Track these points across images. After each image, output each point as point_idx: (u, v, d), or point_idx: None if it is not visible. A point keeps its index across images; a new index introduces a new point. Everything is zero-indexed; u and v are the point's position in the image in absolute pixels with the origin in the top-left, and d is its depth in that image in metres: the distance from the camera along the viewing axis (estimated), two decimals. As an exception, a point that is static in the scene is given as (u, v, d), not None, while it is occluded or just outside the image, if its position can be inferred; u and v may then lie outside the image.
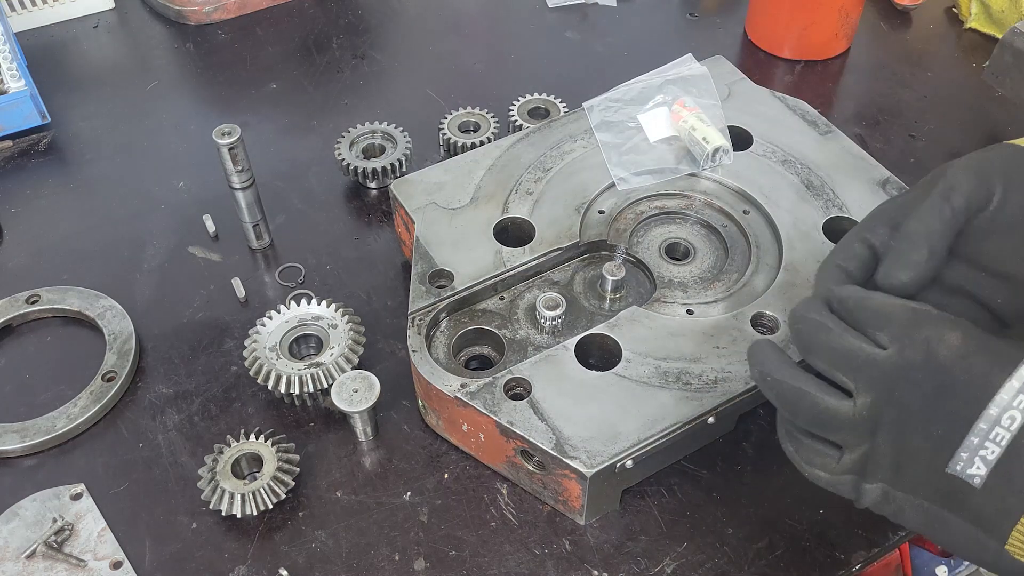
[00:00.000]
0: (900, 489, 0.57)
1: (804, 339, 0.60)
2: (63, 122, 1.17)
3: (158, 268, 1.01)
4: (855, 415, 0.56)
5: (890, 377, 0.55)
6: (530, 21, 1.33)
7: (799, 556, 0.77)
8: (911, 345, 0.55)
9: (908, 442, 0.55)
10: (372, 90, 1.22)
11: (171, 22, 1.32)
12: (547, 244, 0.89)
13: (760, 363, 0.61)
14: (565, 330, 0.85)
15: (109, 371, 0.89)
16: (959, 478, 0.53)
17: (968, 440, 0.52)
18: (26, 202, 1.08)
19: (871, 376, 0.55)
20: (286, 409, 0.88)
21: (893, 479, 0.57)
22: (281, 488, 0.79)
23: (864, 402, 0.56)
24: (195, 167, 1.11)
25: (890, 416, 0.55)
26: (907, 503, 0.57)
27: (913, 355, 0.54)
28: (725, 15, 1.34)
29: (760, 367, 0.61)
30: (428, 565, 0.77)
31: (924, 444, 0.54)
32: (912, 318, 0.56)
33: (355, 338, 0.87)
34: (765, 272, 0.89)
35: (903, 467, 0.56)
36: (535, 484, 0.80)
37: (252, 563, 0.77)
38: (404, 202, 0.93)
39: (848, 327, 0.58)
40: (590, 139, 0.99)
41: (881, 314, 0.57)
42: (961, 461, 0.53)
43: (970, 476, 0.52)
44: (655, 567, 0.77)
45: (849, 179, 0.95)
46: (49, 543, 0.77)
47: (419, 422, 0.86)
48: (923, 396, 0.54)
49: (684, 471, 0.83)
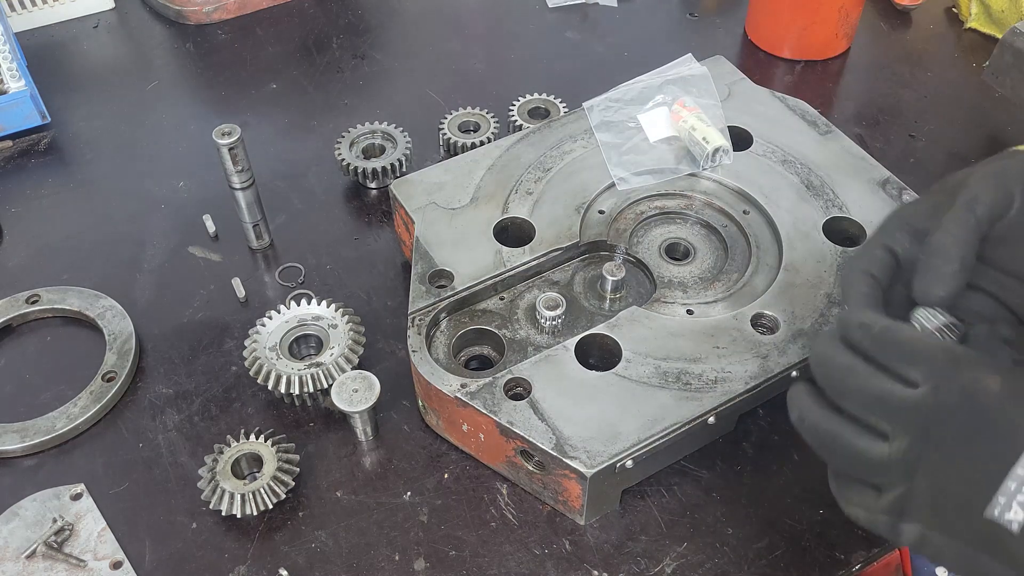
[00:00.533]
0: (938, 531, 0.56)
1: (832, 384, 0.59)
2: (63, 122, 1.17)
3: (158, 268, 1.01)
4: (891, 458, 0.56)
5: (926, 420, 0.54)
6: (530, 21, 1.33)
7: (799, 556, 0.77)
8: (947, 388, 0.54)
9: (945, 485, 0.54)
10: (372, 90, 1.23)
11: (171, 22, 1.32)
12: (547, 244, 0.89)
13: (797, 407, 0.61)
14: (565, 330, 0.85)
15: (109, 371, 0.89)
16: (997, 523, 0.52)
17: (1006, 485, 0.51)
18: (26, 202, 1.08)
19: (907, 419, 0.55)
20: (286, 409, 0.88)
21: (931, 521, 0.56)
22: (281, 488, 0.79)
23: (900, 445, 0.55)
24: (195, 167, 1.11)
25: (927, 459, 0.55)
26: (945, 545, 0.56)
27: (950, 398, 0.54)
28: (725, 15, 1.34)
29: (797, 411, 0.61)
30: (428, 565, 0.77)
31: (961, 488, 0.54)
32: (949, 359, 0.55)
33: (355, 338, 0.87)
34: (765, 272, 0.89)
35: (940, 510, 0.55)
36: (535, 484, 0.80)
37: (252, 563, 0.77)
38: (404, 202, 0.93)
39: (876, 368, 0.57)
40: (590, 139, 0.99)
41: (915, 352, 0.56)
42: (999, 506, 0.52)
43: (1008, 521, 0.52)
44: (655, 567, 0.77)
45: (849, 179, 0.95)
46: (49, 543, 0.77)
47: (419, 422, 0.86)
48: (960, 440, 0.53)
49: (684, 471, 0.83)
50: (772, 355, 0.80)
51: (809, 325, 0.83)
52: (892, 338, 0.57)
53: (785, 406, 0.82)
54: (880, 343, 0.57)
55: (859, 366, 0.57)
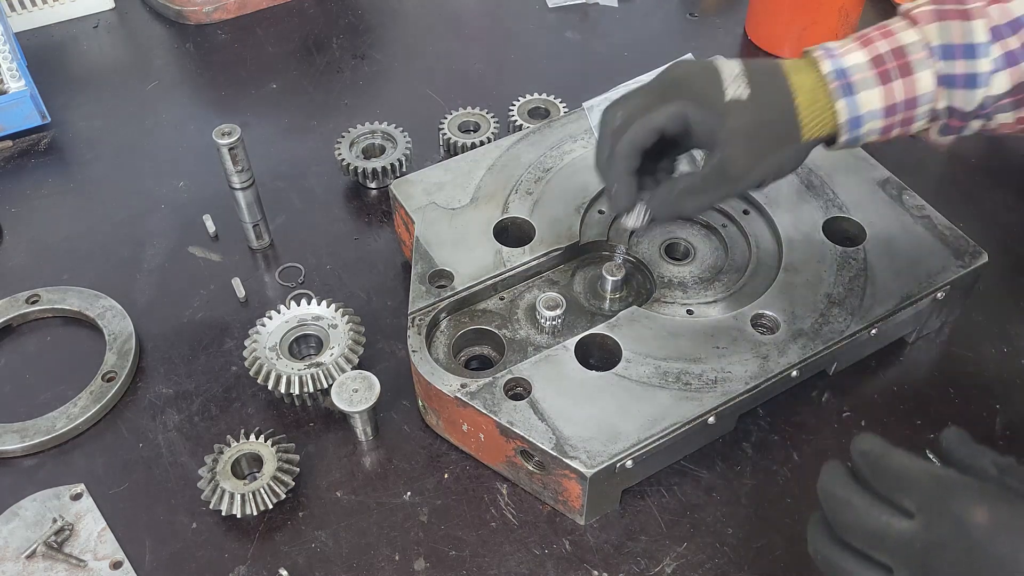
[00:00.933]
0: None
1: (835, 518, 0.60)
2: (63, 122, 1.18)
3: (158, 268, 1.01)
4: None
5: (921, 555, 0.55)
6: (530, 21, 1.33)
7: (799, 556, 0.77)
8: (939, 519, 0.55)
9: None
10: (372, 90, 1.23)
11: (171, 22, 1.32)
12: (547, 244, 0.89)
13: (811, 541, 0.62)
14: (565, 330, 0.85)
15: (109, 371, 0.89)
16: None
17: None
18: (26, 202, 1.08)
19: (904, 554, 0.56)
20: (286, 409, 0.88)
21: None
22: (281, 488, 0.79)
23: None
24: (195, 167, 1.11)
25: None
26: None
27: (941, 531, 0.55)
28: (725, 15, 1.34)
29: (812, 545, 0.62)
30: (428, 565, 0.77)
31: None
32: (936, 487, 0.56)
33: (355, 338, 0.87)
34: (765, 272, 0.89)
35: None
36: (535, 484, 0.80)
37: (252, 563, 0.77)
38: (404, 202, 0.93)
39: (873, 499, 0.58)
40: (590, 139, 0.99)
41: (903, 478, 0.57)
42: None
43: None
44: (655, 567, 0.77)
45: (849, 179, 0.95)
46: (49, 543, 0.77)
47: (419, 422, 0.86)
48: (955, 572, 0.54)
49: (684, 471, 0.83)
50: (772, 355, 0.80)
51: (809, 325, 0.83)
52: (886, 466, 0.58)
53: (785, 406, 0.82)
54: (876, 471, 0.59)
55: (856, 499, 0.58)
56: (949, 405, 0.88)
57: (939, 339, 0.93)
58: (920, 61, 0.71)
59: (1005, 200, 1.07)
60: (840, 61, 0.72)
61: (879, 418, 0.87)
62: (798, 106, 0.72)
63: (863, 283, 0.86)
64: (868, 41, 0.72)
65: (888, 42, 0.72)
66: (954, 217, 0.92)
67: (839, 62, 0.72)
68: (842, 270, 0.87)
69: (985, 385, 0.89)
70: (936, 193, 0.97)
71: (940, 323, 0.93)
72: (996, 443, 0.85)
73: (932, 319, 0.90)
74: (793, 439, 0.85)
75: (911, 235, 0.90)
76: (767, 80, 0.72)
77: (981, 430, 0.86)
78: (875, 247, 0.88)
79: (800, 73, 0.72)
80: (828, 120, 0.72)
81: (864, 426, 0.86)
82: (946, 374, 0.90)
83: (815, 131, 0.73)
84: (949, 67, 0.71)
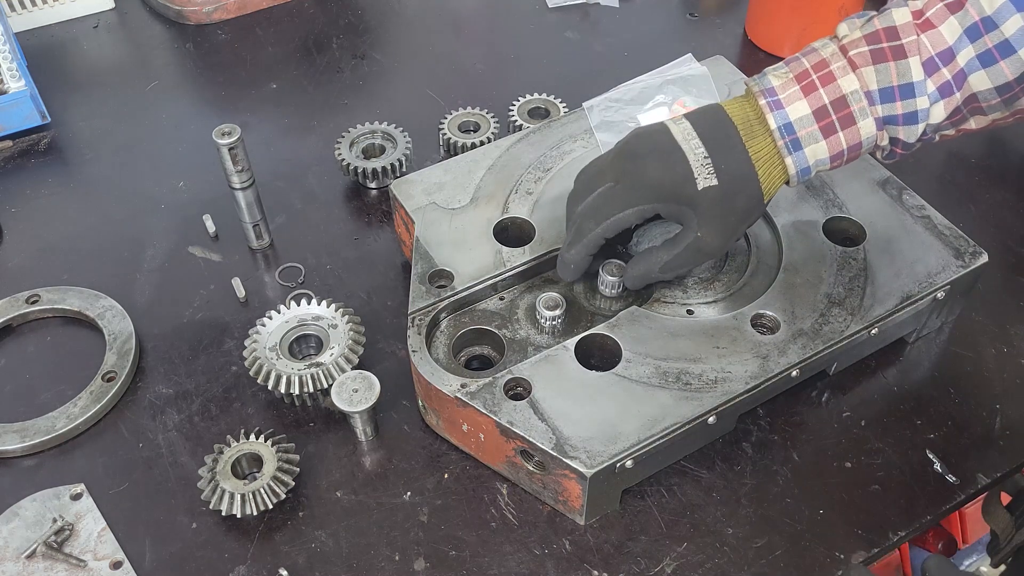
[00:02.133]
0: None
1: None
2: (63, 122, 1.17)
3: (158, 268, 1.01)
4: None
5: None
6: (530, 21, 1.33)
7: (799, 556, 0.77)
8: None
9: None
10: (372, 90, 1.23)
11: (171, 22, 1.32)
12: (547, 244, 0.89)
13: None
14: (565, 330, 0.85)
15: (109, 371, 0.89)
16: None
17: None
18: (26, 202, 1.08)
19: None
20: (286, 409, 0.88)
21: None
22: (281, 488, 0.79)
23: None
24: (195, 167, 1.11)
25: None
26: None
27: None
28: (725, 15, 1.34)
29: None
30: (428, 565, 0.77)
31: None
32: None
33: (355, 338, 0.87)
34: (765, 272, 0.89)
35: None
36: (535, 484, 0.80)
37: (252, 563, 0.77)
38: (404, 202, 0.93)
39: None
40: (590, 139, 0.99)
41: None
42: None
43: None
44: (655, 567, 0.77)
45: (849, 179, 0.95)
46: (49, 543, 0.77)
47: (419, 422, 0.86)
48: None
49: (684, 471, 0.83)
50: (772, 355, 0.80)
51: (809, 325, 0.83)
52: None
53: (785, 406, 0.82)
54: None
55: None
56: (949, 405, 0.88)
57: (939, 339, 0.93)
58: (861, 110, 0.74)
59: (1005, 200, 1.07)
60: (785, 114, 0.75)
61: (879, 418, 0.87)
62: (760, 178, 0.77)
63: (863, 283, 0.86)
64: (810, 88, 0.75)
65: (828, 91, 0.74)
66: (954, 217, 0.92)
67: (784, 115, 0.75)
68: (842, 270, 0.87)
69: (985, 385, 0.90)
70: (936, 193, 0.98)
71: (940, 323, 0.93)
72: (996, 443, 0.85)
73: (932, 319, 0.90)
74: (793, 439, 0.85)
75: (911, 235, 0.90)
76: (731, 157, 0.76)
77: (981, 430, 0.86)
78: (875, 247, 0.89)
79: (755, 139, 0.76)
80: (781, 176, 0.78)
81: (864, 426, 0.86)
82: (946, 374, 0.91)
83: (772, 190, 0.78)
84: (890, 109, 0.74)
